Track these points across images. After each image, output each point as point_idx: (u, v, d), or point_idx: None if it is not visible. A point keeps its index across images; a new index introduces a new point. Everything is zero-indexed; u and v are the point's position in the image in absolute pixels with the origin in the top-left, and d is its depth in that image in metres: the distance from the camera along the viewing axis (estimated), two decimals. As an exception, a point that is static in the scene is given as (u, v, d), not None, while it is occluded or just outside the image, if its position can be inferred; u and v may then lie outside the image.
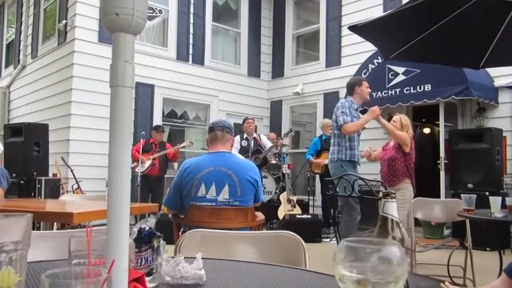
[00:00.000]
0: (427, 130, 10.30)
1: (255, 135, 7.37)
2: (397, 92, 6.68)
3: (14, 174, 5.35)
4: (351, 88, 4.52)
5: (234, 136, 6.99)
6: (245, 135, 7.28)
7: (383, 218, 0.86)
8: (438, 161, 6.52)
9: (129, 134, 0.69)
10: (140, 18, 0.69)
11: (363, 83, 4.51)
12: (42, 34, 8.48)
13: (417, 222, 4.89)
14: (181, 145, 6.87)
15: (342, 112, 4.29)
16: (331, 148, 4.46)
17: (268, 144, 7.36)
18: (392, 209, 0.85)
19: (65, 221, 2.86)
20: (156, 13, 7.82)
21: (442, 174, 6.38)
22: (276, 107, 9.44)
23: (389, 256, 0.62)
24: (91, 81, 6.88)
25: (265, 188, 7.00)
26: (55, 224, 3.37)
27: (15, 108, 9.22)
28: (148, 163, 6.60)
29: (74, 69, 6.97)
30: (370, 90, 4.62)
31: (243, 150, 6.96)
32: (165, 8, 8.09)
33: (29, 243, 0.74)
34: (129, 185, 0.68)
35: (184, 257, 1.03)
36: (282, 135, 7.59)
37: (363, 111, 5.04)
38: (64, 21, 7.29)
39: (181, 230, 2.68)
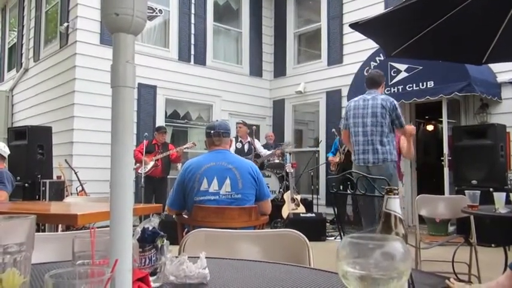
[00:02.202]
0: (430, 127, 10.29)
1: (249, 139, 7.40)
2: (400, 90, 6.67)
3: (18, 177, 5.36)
4: (379, 82, 4.15)
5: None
6: (239, 138, 7.33)
7: (386, 215, 0.86)
8: (442, 158, 6.51)
9: (130, 134, 0.69)
10: (140, 18, 0.69)
11: None
12: (44, 37, 8.50)
13: (421, 220, 4.87)
14: (184, 146, 6.87)
15: (401, 113, 3.98)
16: (379, 147, 3.91)
17: (261, 149, 7.54)
18: (395, 205, 0.85)
19: (70, 222, 2.87)
20: (156, 13, 7.81)
21: (446, 170, 6.36)
22: (278, 106, 9.43)
23: (392, 252, 0.62)
24: (93, 83, 6.89)
25: (269, 187, 6.99)
26: (60, 226, 3.39)
27: (19, 112, 9.25)
28: (151, 164, 6.61)
29: (76, 72, 6.99)
30: None
31: (237, 152, 6.96)
32: (166, 9, 8.09)
33: (33, 244, 0.74)
34: (131, 185, 0.68)
35: (188, 257, 1.03)
36: (282, 145, 7.62)
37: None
38: (65, 24, 7.31)
39: (186, 230, 2.70)
